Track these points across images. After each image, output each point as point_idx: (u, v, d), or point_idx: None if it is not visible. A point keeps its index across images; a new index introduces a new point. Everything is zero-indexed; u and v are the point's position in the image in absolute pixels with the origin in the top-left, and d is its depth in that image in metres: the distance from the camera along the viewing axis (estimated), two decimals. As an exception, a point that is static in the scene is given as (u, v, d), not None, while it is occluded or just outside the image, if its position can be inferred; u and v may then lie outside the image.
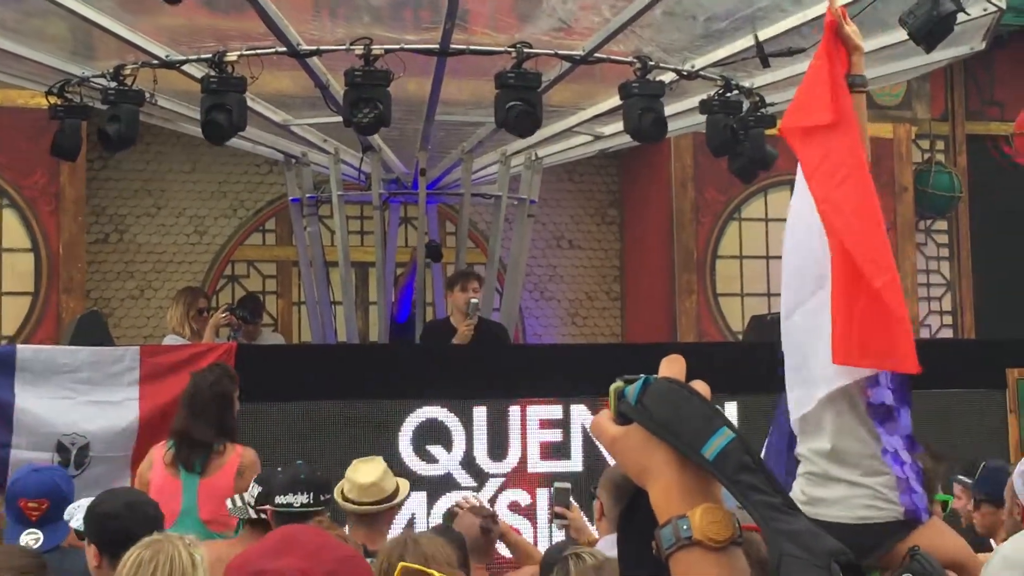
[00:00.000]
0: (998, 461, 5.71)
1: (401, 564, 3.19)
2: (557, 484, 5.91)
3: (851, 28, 4.57)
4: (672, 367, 1.53)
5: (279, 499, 5.02)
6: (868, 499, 4.36)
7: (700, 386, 1.50)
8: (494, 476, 7.36)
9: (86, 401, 6.75)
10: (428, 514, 7.20)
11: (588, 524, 5.89)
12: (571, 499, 5.89)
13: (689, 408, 1.46)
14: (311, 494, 5.00)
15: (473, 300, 8.26)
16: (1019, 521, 4.48)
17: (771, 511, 1.36)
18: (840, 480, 4.31)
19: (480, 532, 5.48)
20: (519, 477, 7.40)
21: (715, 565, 1.41)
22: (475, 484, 7.30)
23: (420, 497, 7.20)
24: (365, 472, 5.37)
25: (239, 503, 5.21)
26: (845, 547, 1.31)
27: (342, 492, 5.32)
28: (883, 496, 4.33)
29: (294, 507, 4.96)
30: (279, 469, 5.32)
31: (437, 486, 7.26)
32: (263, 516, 5.06)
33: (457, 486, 7.29)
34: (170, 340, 8.10)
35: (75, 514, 4.56)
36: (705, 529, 1.42)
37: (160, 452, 6.08)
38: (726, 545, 1.42)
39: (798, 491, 4.35)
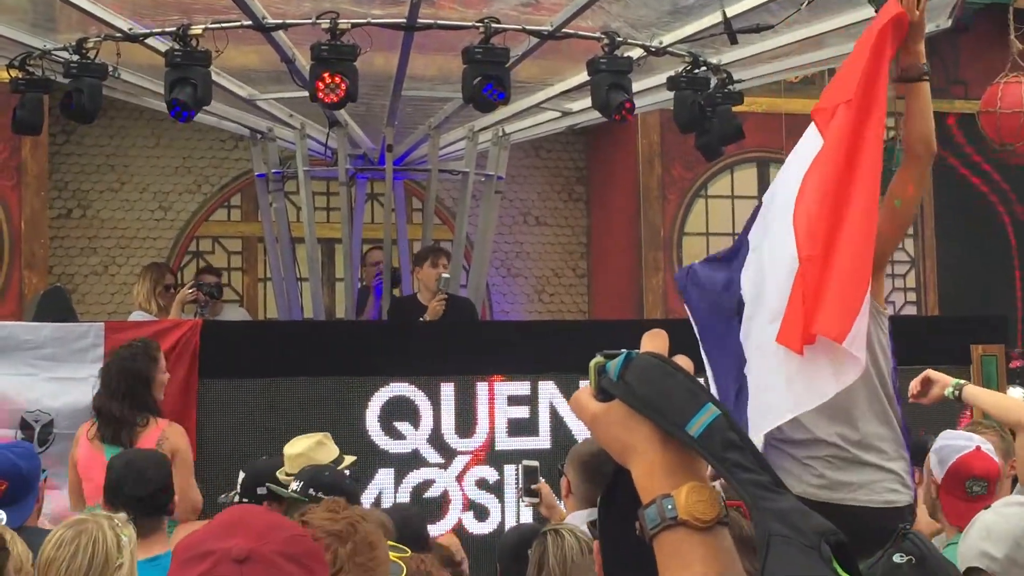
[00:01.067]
0: (927, 436, 5.65)
1: None
2: (525, 463, 5.90)
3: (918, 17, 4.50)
4: (655, 341, 1.49)
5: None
6: (893, 483, 4.42)
7: (683, 361, 1.45)
8: (462, 453, 7.35)
9: (50, 378, 6.69)
10: (396, 491, 7.18)
11: (557, 502, 5.88)
12: (539, 478, 5.88)
13: (673, 384, 1.41)
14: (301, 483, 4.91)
15: (444, 275, 8.25)
16: (935, 498, 4.49)
17: (759, 490, 1.33)
18: (869, 464, 4.35)
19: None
20: (487, 454, 7.39)
21: (701, 545, 1.37)
22: (442, 461, 7.29)
23: (388, 474, 7.18)
24: (296, 444, 5.35)
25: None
26: (834, 526, 1.29)
27: (284, 472, 5.27)
28: (903, 480, 4.42)
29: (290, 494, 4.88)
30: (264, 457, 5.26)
31: (405, 463, 7.24)
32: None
33: (425, 463, 7.28)
34: (136, 316, 8.03)
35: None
36: (691, 508, 1.38)
37: (85, 428, 6.08)
38: (712, 525, 1.38)
39: (815, 475, 4.36)
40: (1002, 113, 11.40)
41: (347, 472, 5.47)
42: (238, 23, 7.53)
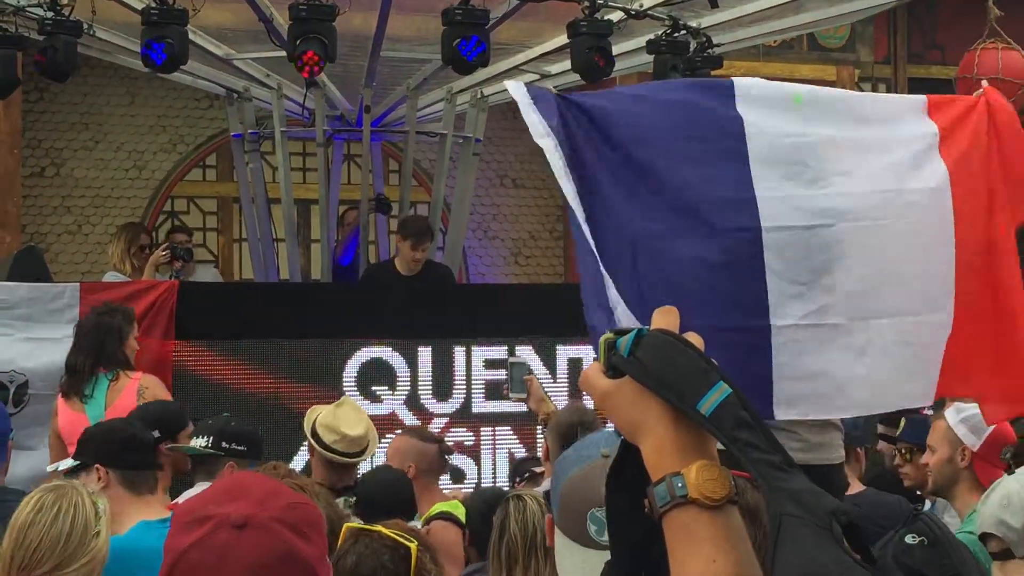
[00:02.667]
0: (915, 412, 5.67)
1: (347, 525, 3.15)
2: (512, 360, 5.86)
3: None
4: (666, 318, 1.48)
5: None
6: (840, 439, 4.56)
7: (694, 338, 1.45)
8: (439, 416, 7.36)
9: (24, 338, 6.65)
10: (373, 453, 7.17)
11: (547, 395, 5.87)
12: (529, 371, 5.86)
13: (684, 361, 1.41)
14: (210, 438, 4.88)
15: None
16: (961, 468, 4.51)
17: (771, 469, 1.33)
18: (831, 424, 4.44)
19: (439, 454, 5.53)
20: (464, 417, 7.40)
21: (711, 524, 1.37)
22: (420, 424, 7.29)
23: (364, 436, 7.18)
24: (353, 422, 5.29)
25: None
26: (846, 506, 1.28)
27: (318, 437, 5.22)
28: (843, 437, 4.55)
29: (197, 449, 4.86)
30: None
31: (382, 425, 7.20)
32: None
33: (401, 425, 7.27)
34: (110, 277, 7.98)
35: None
36: (701, 487, 1.38)
37: (60, 396, 6.06)
38: (722, 503, 1.38)
39: (798, 440, 4.40)
40: (978, 79, 11.41)
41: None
42: (215, -19, 7.46)
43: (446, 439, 7.26)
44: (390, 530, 3.02)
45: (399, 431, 6.36)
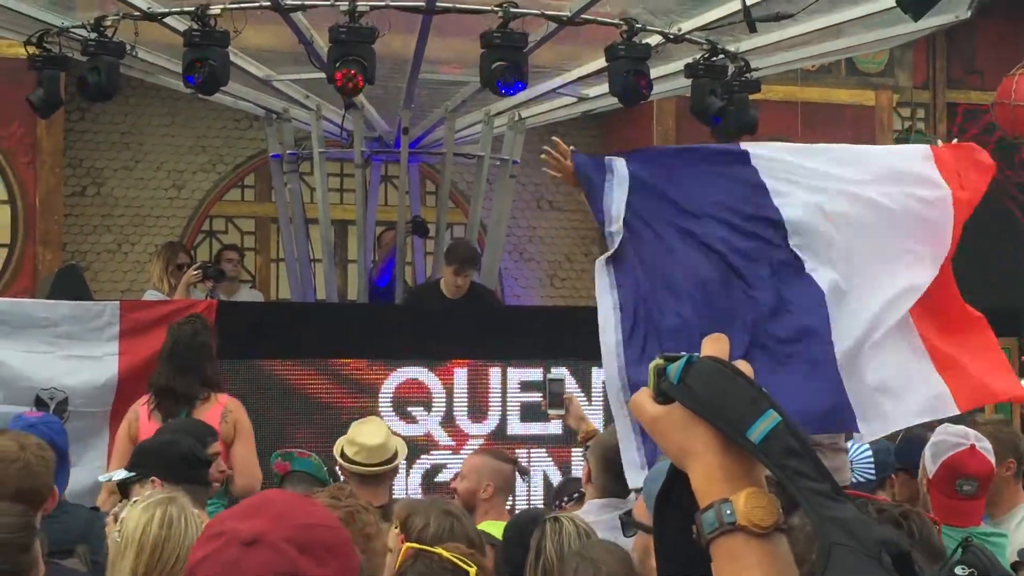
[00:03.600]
0: (920, 429, 5.64)
1: (407, 544, 3.13)
2: (551, 376, 5.86)
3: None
4: (715, 346, 1.49)
5: None
6: (847, 463, 4.60)
7: (743, 366, 1.45)
8: (474, 437, 7.37)
9: (65, 355, 6.70)
10: (407, 474, 7.20)
11: (586, 414, 5.87)
12: (566, 389, 5.86)
13: (734, 389, 1.42)
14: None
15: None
16: (925, 492, 4.46)
17: (820, 498, 1.33)
18: (841, 448, 4.47)
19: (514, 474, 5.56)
20: (499, 439, 7.40)
21: (758, 551, 1.37)
22: (454, 444, 7.31)
23: (399, 456, 7.20)
24: (371, 433, 5.33)
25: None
26: (896, 536, 1.29)
27: (343, 453, 5.29)
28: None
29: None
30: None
31: (417, 446, 7.25)
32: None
33: (436, 447, 7.30)
34: (150, 296, 8.04)
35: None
36: (750, 514, 1.38)
37: (144, 407, 6.01)
38: (770, 531, 1.38)
39: None
40: (1016, 105, 11.36)
41: None
42: (257, 4, 7.53)
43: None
44: (450, 553, 3.01)
45: (475, 449, 6.37)
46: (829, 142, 12.28)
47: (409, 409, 7.27)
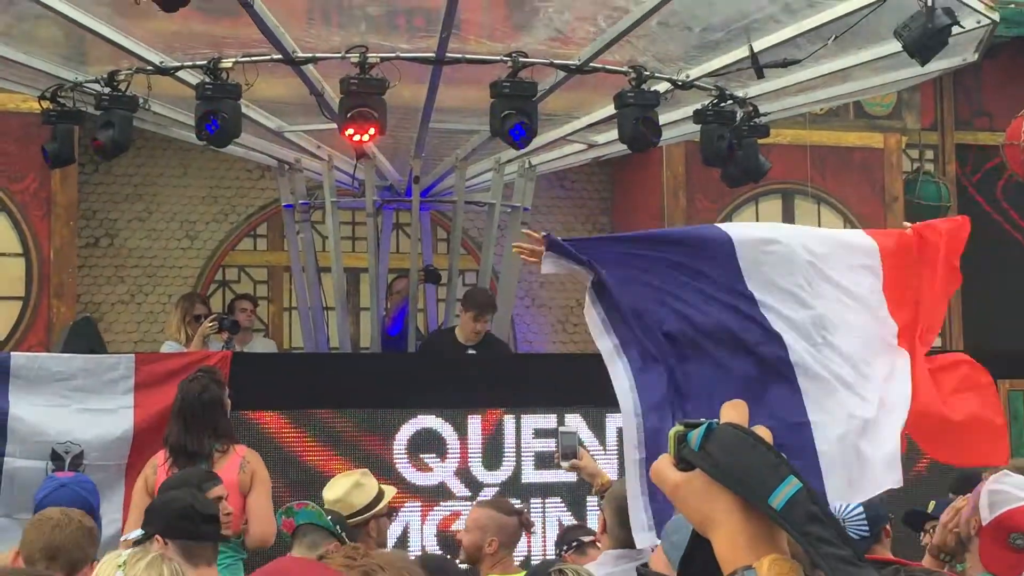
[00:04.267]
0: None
1: None
2: (563, 429, 5.85)
3: None
4: (735, 412, 1.50)
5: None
6: None
7: (763, 432, 1.47)
8: (488, 486, 7.36)
9: (80, 409, 6.71)
10: (422, 523, 7.20)
11: (600, 468, 5.86)
12: (579, 445, 5.85)
13: (755, 456, 1.43)
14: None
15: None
16: (974, 534, 4.46)
17: (842, 564, 1.34)
18: None
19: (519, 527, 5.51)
20: (513, 487, 7.39)
21: None
22: (469, 494, 7.30)
23: (415, 506, 7.20)
24: (334, 488, 5.40)
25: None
26: None
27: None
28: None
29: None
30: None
31: (432, 495, 7.25)
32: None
33: (451, 496, 7.29)
34: (168, 347, 8.08)
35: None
36: None
37: (163, 466, 6.03)
38: None
39: None
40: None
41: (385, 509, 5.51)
42: (268, 56, 7.60)
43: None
44: None
45: (477, 502, 6.36)
46: (840, 184, 12.38)
47: (424, 458, 7.27)
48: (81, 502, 4.70)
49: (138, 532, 4.42)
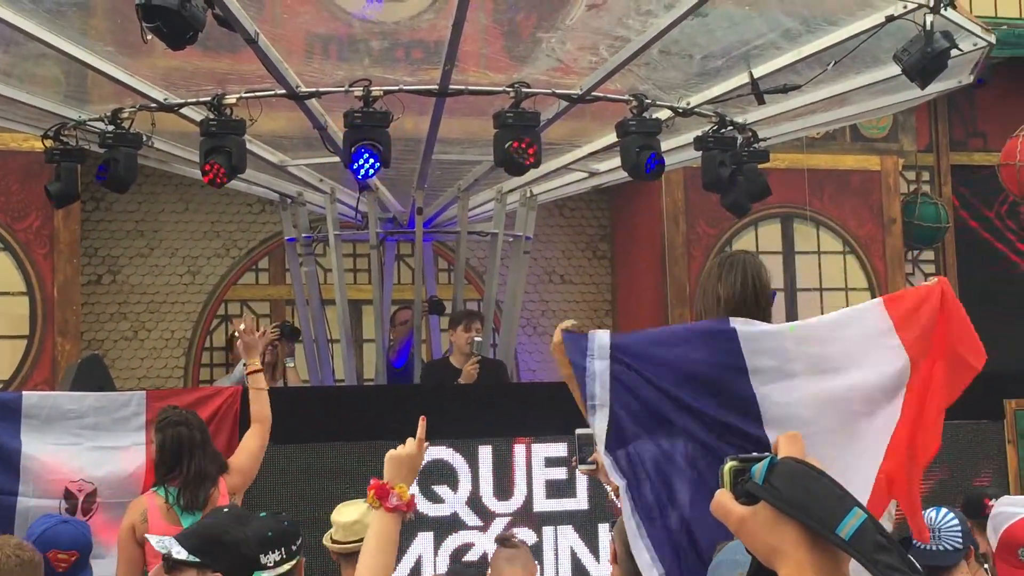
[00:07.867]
0: (981, 490, 5.58)
1: None
2: (580, 432, 5.87)
3: None
4: (793, 446, 1.55)
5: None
6: None
7: (817, 463, 1.52)
8: (501, 515, 7.36)
9: (93, 447, 6.70)
10: (435, 554, 7.19)
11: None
12: (595, 447, 5.86)
13: (820, 487, 1.48)
14: (282, 549, 4.76)
15: (477, 338, 8.33)
16: (993, 566, 4.53)
17: None
18: None
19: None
20: (525, 516, 7.39)
21: None
22: (481, 524, 7.30)
23: (427, 537, 7.19)
24: (347, 512, 5.40)
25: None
26: None
27: (330, 537, 5.32)
28: None
29: (270, 567, 4.69)
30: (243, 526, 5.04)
31: (444, 526, 7.25)
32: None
33: (464, 526, 7.28)
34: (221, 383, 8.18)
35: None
36: None
37: (156, 508, 6.01)
38: None
39: None
40: (1022, 166, 11.47)
41: None
42: (272, 92, 7.63)
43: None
44: None
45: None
46: (838, 207, 12.39)
47: (435, 489, 7.27)
48: (81, 539, 4.69)
49: (183, 552, 4.18)
